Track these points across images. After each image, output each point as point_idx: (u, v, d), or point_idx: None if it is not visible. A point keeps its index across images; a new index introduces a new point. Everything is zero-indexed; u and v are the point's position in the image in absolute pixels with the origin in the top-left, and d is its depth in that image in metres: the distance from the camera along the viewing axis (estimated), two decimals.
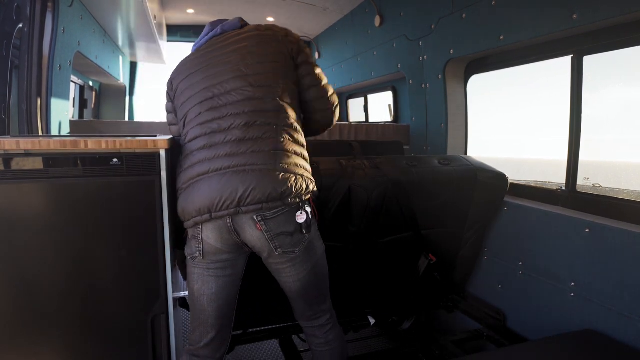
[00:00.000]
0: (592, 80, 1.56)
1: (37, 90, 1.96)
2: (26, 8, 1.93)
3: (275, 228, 1.19)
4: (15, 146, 1.23)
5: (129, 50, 4.23)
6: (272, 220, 1.18)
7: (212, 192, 1.17)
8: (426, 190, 1.65)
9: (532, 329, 1.67)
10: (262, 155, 1.18)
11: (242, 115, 1.20)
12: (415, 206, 1.65)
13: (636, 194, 1.53)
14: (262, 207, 1.16)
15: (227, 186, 1.15)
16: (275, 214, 1.18)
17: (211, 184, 1.18)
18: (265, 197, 1.15)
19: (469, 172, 1.71)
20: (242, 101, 1.21)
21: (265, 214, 1.17)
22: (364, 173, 1.56)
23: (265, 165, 1.17)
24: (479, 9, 1.84)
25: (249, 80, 1.22)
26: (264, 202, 1.15)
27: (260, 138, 1.20)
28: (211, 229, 1.21)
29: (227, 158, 1.18)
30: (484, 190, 1.73)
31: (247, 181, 1.15)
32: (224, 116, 1.20)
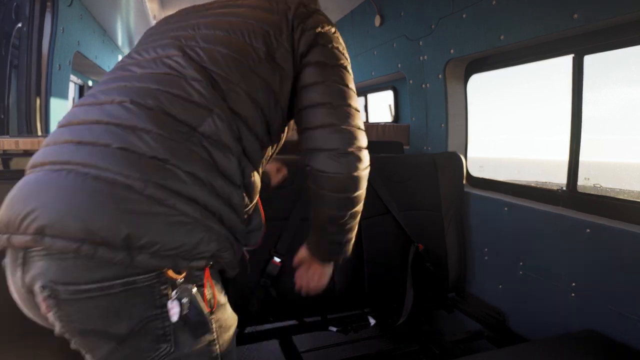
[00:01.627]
0: (592, 79, 1.56)
1: (36, 90, 1.96)
2: (25, 8, 1.92)
3: (78, 319, 0.61)
4: (14, 146, 1.23)
5: (129, 50, 4.23)
6: (71, 303, 0.60)
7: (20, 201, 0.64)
8: (393, 172, 1.89)
9: (532, 329, 1.67)
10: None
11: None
12: (389, 187, 1.85)
13: (637, 194, 1.53)
14: (70, 256, 0.58)
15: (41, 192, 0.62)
16: (89, 289, 0.59)
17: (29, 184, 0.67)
18: (88, 235, 0.57)
19: (426, 157, 2.01)
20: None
21: (60, 288, 0.59)
22: None
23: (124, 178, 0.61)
24: (479, 8, 1.84)
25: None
26: (84, 244, 0.57)
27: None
28: (10, 282, 0.69)
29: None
30: (445, 172, 1.97)
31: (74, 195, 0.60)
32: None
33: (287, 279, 1.65)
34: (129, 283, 0.60)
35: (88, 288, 0.59)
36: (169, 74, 0.71)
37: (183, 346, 0.66)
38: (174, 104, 0.68)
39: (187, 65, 0.72)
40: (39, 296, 0.61)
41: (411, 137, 2.53)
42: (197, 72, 0.71)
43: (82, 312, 0.61)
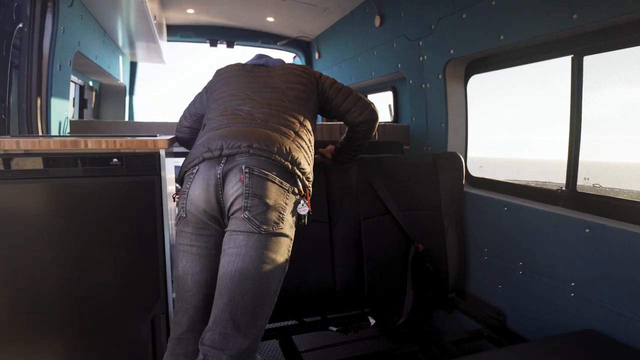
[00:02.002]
0: (592, 80, 1.56)
1: (37, 90, 1.96)
2: (26, 8, 1.92)
3: (256, 187, 1.15)
4: (15, 146, 1.23)
5: (129, 50, 4.23)
6: (257, 178, 1.16)
7: (222, 137, 1.23)
8: (393, 172, 1.92)
9: (532, 329, 1.67)
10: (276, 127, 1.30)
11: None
12: (389, 187, 1.87)
13: (636, 194, 1.53)
14: (262, 160, 1.17)
15: (238, 135, 1.21)
16: (266, 177, 1.16)
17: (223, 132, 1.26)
18: (274, 150, 1.19)
19: (426, 157, 2.02)
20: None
21: (255, 169, 1.16)
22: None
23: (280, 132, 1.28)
24: (479, 8, 1.84)
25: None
26: (270, 155, 1.18)
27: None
28: (199, 180, 1.19)
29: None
30: (444, 172, 2.00)
31: (262, 135, 1.22)
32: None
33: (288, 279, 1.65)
34: (281, 182, 1.18)
35: (267, 174, 1.16)
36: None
37: (288, 230, 1.20)
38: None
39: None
40: (239, 173, 1.15)
41: (411, 137, 2.53)
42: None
43: (259, 184, 1.15)
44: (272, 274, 1.15)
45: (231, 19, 3.91)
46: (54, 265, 1.29)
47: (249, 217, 1.12)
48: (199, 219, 1.19)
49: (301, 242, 1.67)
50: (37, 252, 1.27)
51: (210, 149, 1.19)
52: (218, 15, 3.82)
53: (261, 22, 3.86)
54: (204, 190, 1.17)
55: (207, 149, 1.20)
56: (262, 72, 1.53)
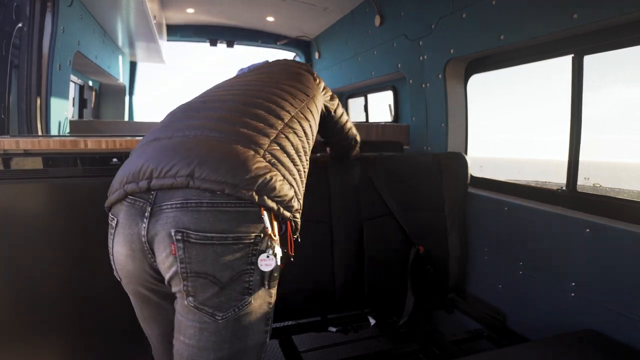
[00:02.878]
0: (592, 80, 1.55)
1: (36, 90, 1.96)
2: (26, 8, 1.92)
3: (197, 262, 0.77)
4: (14, 146, 1.23)
5: (129, 50, 4.23)
6: (197, 247, 0.76)
7: (153, 154, 0.84)
8: (396, 172, 1.88)
9: (532, 329, 1.67)
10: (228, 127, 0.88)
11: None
12: (391, 188, 1.83)
13: (637, 194, 1.53)
14: (203, 211, 0.77)
15: (164, 154, 0.83)
16: (211, 242, 0.77)
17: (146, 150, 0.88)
18: (229, 177, 0.78)
19: (430, 157, 1.98)
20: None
21: (192, 234, 0.76)
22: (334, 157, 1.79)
23: (229, 140, 0.84)
24: (479, 8, 1.84)
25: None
26: (225, 185, 0.77)
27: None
28: (121, 241, 0.85)
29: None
30: (448, 172, 1.96)
31: (195, 151, 0.81)
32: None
33: (288, 279, 1.65)
34: (237, 238, 0.78)
35: (212, 236, 0.77)
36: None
37: (256, 301, 0.83)
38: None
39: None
40: (167, 240, 0.77)
41: (411, 136, 2.53)
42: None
43: (201, 255, 0.77)
44: (247, 355, 0.86)
45: (231, 19, 3.90)
46: (54, 265, 1.29)
47: (195, 306, 0.79)
48: (138, 283, 0.89)
49: (301, 242, 1.67)
50: (37, 252, 1.27)
51: (135, 178, 0.82)
52: (218, 15, 3.81)
53: (261, 21, 3.86)
54: (129, 255, 0.85)
55: (132, 177, 0.83)
56: (248, 74, 1.23)
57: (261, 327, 0.86)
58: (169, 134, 0.88)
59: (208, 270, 0.77)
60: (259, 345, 0.87)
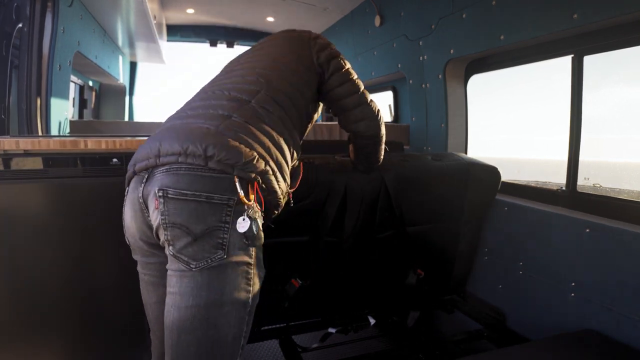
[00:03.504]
0: (592, 80, 1.56)
1: (36, 90, 1.96)
2: (26, 8, 1.92)
3: (174, 214, 0.88)
4: (14, 146, 1.23)
5: (129, 50, 4.23)
6: (174, 202, 0.88)
7: (154, 139, 0.98)
8: (420, 185, 1.67)
9: (532, 329, 1.67)
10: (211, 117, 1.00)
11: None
12: (410, 201, 1.65)
13: (636, 194, 1.53)
14: (182, 175, 0.89)
15: (164, 137, 0.96)
16: (185, 197, 0.88)
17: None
18: (183, 150, 0.90)
19: (461, 167, 1.73)
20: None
21: (170, 190, 0.88)
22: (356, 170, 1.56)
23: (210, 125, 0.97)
24: (479, 8, 1.84)
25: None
26: (179, 156, 0.90)
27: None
28: (128, 204, 1.00)
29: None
30: (477, 184, 1.75)
31: (188, 134, 0.94)
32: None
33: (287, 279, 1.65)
34: (209, 197, 0.89)
35: (186, 193, 0.88)
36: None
37: (231, 257, 0.91)
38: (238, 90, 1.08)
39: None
40: (153, 197, 0.91)
41: (411, 137, 2.53)
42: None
43: (178, 209, 0.88)
44: (221, 319, 0.90)
45: (231, 19, 3.91)
46: (54, 265, 1.29)
47: (174, 254, 0.89)
48: (141, 248, 1.01)
49: (326, 263, 1.60)
50: (37, 252, 1.27)
51: (139, 158, 0.98)
52: (218, 15, 3.81)
53: (261, 22, 3.86)
54: (133, 218, 0.98)
55: (136, 159, 1.00)
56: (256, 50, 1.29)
57: (239, 283, 0.92)
58: (170, 119, 1.06)
59: (183, 221, 0.88)
60: (238, 302, 0.92)
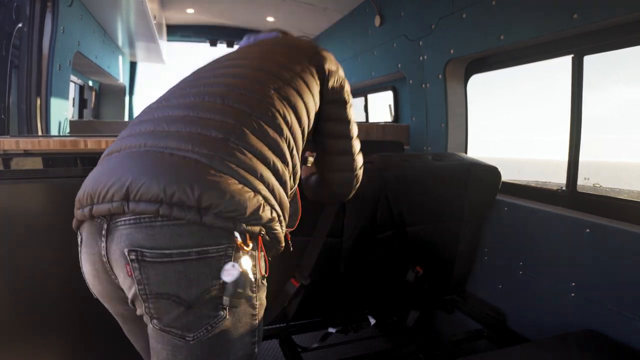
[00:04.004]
0: (592, 80, 1.55)
1: (36, 90, 1.96)
2: (26, 8, 1.93)
3: (156, 282, 0.69)
4: (14, 146, 1.23)
5: (129, 50, 4.24)
6: (153, 266, 0.68)
7: (104, 175, 0.74)
8: (420, 185, 1.67)
9: (532, 329, 1.67)
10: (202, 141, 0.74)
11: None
12: (410, 201, 1.65)
13: (637, 194, 1.53)
14: (158, 226, 0.68)
15: (125, 168, 0.72)
16: (170, 259, 0.68)
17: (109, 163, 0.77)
18: (166, 197, 0.67)
19: (461, 167, 1.73)
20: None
21: (147, 252, 0.68)
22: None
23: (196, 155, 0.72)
24: (479, 8, 1.84)
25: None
26: (160, 205, 0.67)
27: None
28: (86, 259, 0.80)
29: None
30: (477, 184, 1.75)
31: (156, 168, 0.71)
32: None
33: (287, 279, 1.65)
34: (202, 252, 0.69)
35: (170, 252, 0.68)
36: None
37: (234, 315, 0.74)
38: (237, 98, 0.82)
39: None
40: (122, 260, 0.70)
41: (411, 137, 2.53)
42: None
43: (161, 275, 0.69)
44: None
45: (231, 19, 3.91)
46: (54, 265, 1.29)
47: (161, 328, 0.72)
48: (112, 304, 0.87)
49: (323, 263, 1.58)
50: (37, 252, 1.27)
51: (80, 203, 0.76)
52: (218, 15, 3.82)
53: (261, 22, 3.86)
54: (95, 275, 0.80)
55: (78, 203, 0.77)
56: (244, 51, 1.08)
57: (245, 340, 0.78)
58: (118, 146, 0.82)
59: (170, 290, 0.69)
60: (246, 356, 0.79)
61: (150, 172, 0.69)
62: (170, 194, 0.67)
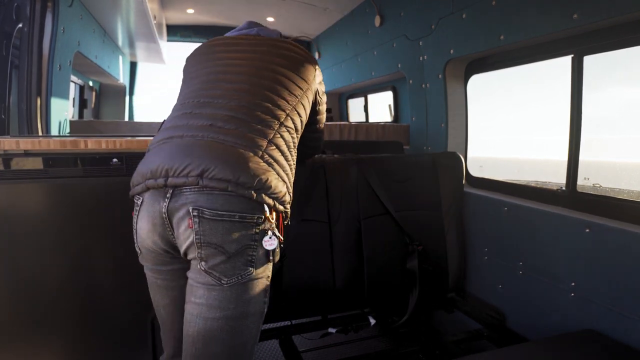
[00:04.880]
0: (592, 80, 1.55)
1: (36, 90, 1.97)
2: (26, 8, 1.93)
3: (211, 234, 0.92)
4: (15, 146, 1.23)
5: (129, 50, 4.24)
6: (210, 223, 0.92)
7: (170, 155, 0.98)
8: (393, 172, 1.90)
9: (532, 329, 1.67)
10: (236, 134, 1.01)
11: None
12: (388, 187, 1.85)
13: (636, 194, 1.53)
14: (215, 196, 0.92)
15: (189, 154, 0.96)
16: (221, 218, 0.92)
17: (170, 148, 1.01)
18: (234, 178, 0.92)
19: (426, 157, 2.01)
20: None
21: (207, 211, 0.91)
22: (332, 157, 1.85)
23: (236, 144, 0.98)
24: (479, 8, 1.84)
25: None
26: (227, 187, 0.92)
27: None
28: (145, 216, 0.99)
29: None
30: (445, 172, 1.98)
31: (220, 155, 0.95)
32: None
33: (288, 278, 1.66)
34: (242, 217, 0.93)
35: (222, 213, 0.92)
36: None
37: (259, 273, 0.98)
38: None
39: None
40: (186, 216, 0.92)
41: (411, 137, 2.53)
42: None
43: (214, 229, 0.92)
44: (246, 329, 0.98)
45: (231, 19, 3.91)
46: (54, 265, 1.29)
47: (206, 270, 0.93)
48: (155, 257, 1.04)
49: (301, 241, 1.68)
50: (37, 251, 1.27)
51: (154, 175, 0.96)
52: (218, 15, 3.82)
53: (261, 22, 3.83)
54: (150, 229, 0.98)
55: (151, 174, 0.97)
56: (248, 45, 1.24)
57: (261, 296, 1.00)
58: (181, 132, 1.02)
59: (218, 241, 0.92)
60: (259, 313, 1.01)
61: (221, 159, 0.93)
62: (236, 177, 0.92)
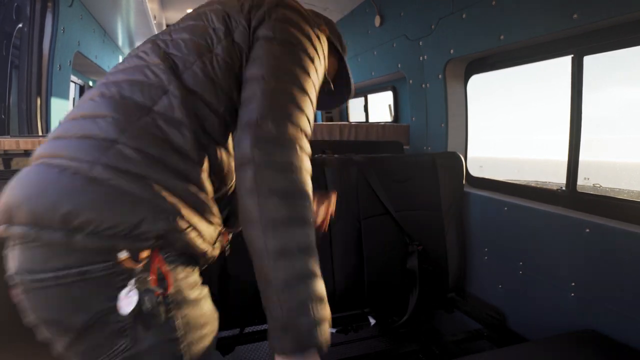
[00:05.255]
0: (592, 80, 1.55)
1: (36, 90, 1.97)
2: (26, 8, 1.93)
3: (39, 307, 0.64)
4: (15, 146, 1.23)
5: (129, 50, 4.24)
6: (34, 292, 0.63)
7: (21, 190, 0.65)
8: (392, 172, 1.89)
9: (532, 329, 1.67)
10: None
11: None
12: (387, 187, 1.85)
13: (637, 194, 1.53)
14: (32, 245, 0.61)
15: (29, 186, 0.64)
16: (45, 282, 0.61)
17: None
18: (33, 218, 0.60)
19: (426, 157, 2.00)
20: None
21: (27, 276, 0.62)
22: (332, 157, 1.84)
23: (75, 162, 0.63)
24: (479, 8, 1.84)
25: None
26: (30, 229, 0.60)
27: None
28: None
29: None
30: (445, 172, 1.97)
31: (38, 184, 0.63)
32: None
33: None
34: (83, 272, 0.60)
35: (44, 277, 0.60)
36: (136, 64, 0.77)
37: (142, 343, 0.63)
38: (133, 88, 0.71)
39: (152, 53, 0.78)
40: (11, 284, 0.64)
41: (411, 137, 2.53)
42: (159, 58, 0.76)
43: (43, 301, 0.62)
44: None
45: None
46: None
47: (59, 358, 0.70)
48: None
49: None
50: None
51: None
52: None
53: None
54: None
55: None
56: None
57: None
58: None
59: (54, 317, 0.63)
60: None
61: (27, 191, 0.62)
62: (38, 215, 0.59)
